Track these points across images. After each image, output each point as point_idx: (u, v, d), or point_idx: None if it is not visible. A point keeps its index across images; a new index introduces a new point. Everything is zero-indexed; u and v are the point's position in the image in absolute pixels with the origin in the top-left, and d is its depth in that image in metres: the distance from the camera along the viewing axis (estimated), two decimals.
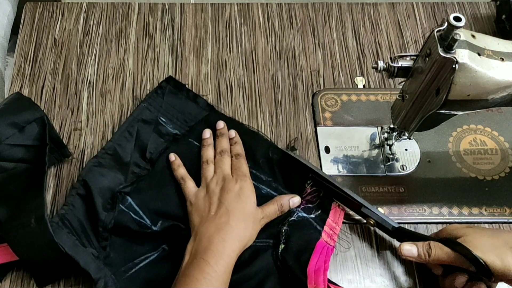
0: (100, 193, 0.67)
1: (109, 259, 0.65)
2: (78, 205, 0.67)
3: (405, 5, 0.91)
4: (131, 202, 0.69)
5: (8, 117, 0.67)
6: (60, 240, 0.63)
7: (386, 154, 0.76)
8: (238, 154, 0.72)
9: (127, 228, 0.67)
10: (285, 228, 0.67)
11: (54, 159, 0.72)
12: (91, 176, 0.68)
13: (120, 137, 0.73)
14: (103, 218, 0.66)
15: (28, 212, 0.63)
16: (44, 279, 0.65)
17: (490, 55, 0.58)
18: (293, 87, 0.82)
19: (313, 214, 0.69)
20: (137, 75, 0.82)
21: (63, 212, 0.66)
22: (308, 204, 0.70)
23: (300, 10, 0.90)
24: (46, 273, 0.65)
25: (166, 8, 0.89)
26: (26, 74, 0.81)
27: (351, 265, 0.68)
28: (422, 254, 0.62)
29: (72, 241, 0.64)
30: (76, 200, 0.67)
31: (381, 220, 0.66)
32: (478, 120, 0.79)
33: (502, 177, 0.75)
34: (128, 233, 0.67)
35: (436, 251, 0.61)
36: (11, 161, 0.67)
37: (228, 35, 0.87)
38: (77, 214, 0.66)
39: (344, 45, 0.87)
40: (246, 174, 0.70)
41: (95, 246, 0.65)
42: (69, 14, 0.87)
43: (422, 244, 0.62)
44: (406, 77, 0.64)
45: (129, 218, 0.67)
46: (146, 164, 0.72)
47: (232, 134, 0.74)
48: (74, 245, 0.64)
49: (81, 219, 0.66)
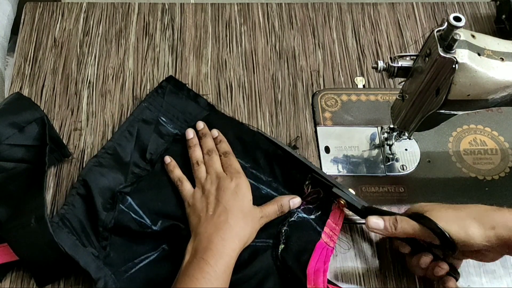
0: (100, 193, 0.67)
1: (109, 259, 0.65)
2: (78, 205, 0.67)
3: (405, 5, 0.91)
4: (131, 202, 0.69)
5: (8, 117, 0.67)
6: (60, 239, 0.63)
7: (386, 154, 0.76)
8: (226, 152, 0.72)
9: (127, 228, 0.67)
10: (285, 228, 0.67)
11: (54, 159, 0.72)
12: (91, 175, 0.68)
13: (120, 136, 0.73)
14: (103, 218, 0.66)
15: (28, 212, 0.63)
16: (44, 279, 0.65)
17: (490, 55, 0.58)
18: (293, 87, 0.82)
19: (313, 215, 0.69)
20: (137, 75, 0.82)
21: (63, 212, 0.66)
22: (308, 205, 0.70)
23: (300, 10, 0.90)
24: (46, 273, 0.65)
25: (166, 8, 0.89)
26: (26, 74, 0.81)
27: (351, 265, 0.68)
28: (388, 227, 0.62)
29: (72, 241, 0.64)
30: (76, 200, 0.67)
31: (350, 200, 0.67)
32: (478, 120, 0.79)
33: (502, 177, 0.75)
34: (128, 233, 0.67)
35: (402, 224, 0.61)
36: (11, 161, 0.67)
37: (228, 35, 0.87)
38: (77, 214, 0.66)
39: (344, 45, 0.87)
40: (239, 171, 0.70)
41: (95, 245, 0.65)
42: (69, 14, 0.87)
43: (388, 218, 0.63)
44: (406, 77, 0.64)
45: (129, 218, 0.67)
46: (146, 165, 0.72)
47: (215, 134, 0.74)
48: (74, 245, 0.64)
49: (81, 218, 0.66)
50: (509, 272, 0.68)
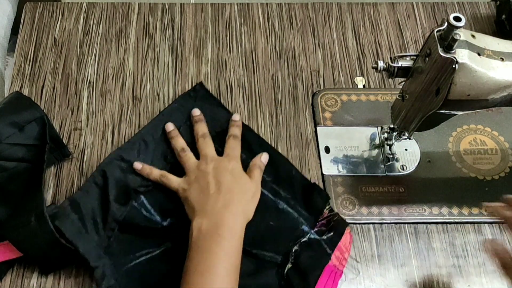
0: (116, 186, 0.68)
1: (111, 249, 0.66)
2: (92, 193, 0.68)
3: (405, 5, 0.91)
4: (143, 201, 0.69)
5: (8, 116, 0.67)
6: (64, 227, 0.64)
7: (386, 154, 0.76)
8: (236, 136, 0.72)
9: (136, 224, 0.67)
10: (295, 248, 0.67)
11: (54, 159, 0.72)
12: (111, 168, 0.69)
13: (147, 133, 0.73)
14: (114, 210, 0.67)
15: (27, 210, 0.64)
16: (48, 269, 0.66)
17: (490, 55, 0.58)
18: (293, 87, 0.82)
19: (325, 236, 0.68)
20: (137, 75, 0.82)
21: (76, 196, 0.67)
22: (322, 227, 0.69)
23: (300, 10, 0.90)
24: (50, 266, 0.66)
25: (166, 8, 0.89)
26: (26, 74, 0.81)
27: (351, 265, 0.68)
28: None
29: (76, 228, 0.65)
30: (92, 188, 0.68)
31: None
32: (478, 120, 0.79)
33: (502, 177, 0.75)
34: (135, 229, 0.67)
35: None
36: (11, 160, 0.67)
37: (228, 35, 0.87)
38: (90, 201, 0.67)
39: (344, 45, 0.87)
40: (238, 157, 0.70)
41: (101, 234, 0.66)
42: (69, 14, 0.87)
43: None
44: (406, 77, 0.64)
45: (139, 214, 0.68)
46: (166, 165, 0.72)
47: (236, 118, 0.75)
48: (77, 232, 0.64)
49: (93, 206, 0.67)
50: None
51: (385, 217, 0.71)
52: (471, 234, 0.71)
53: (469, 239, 0.70)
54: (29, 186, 0.67)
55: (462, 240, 0.70)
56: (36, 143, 0.68)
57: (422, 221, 0.71)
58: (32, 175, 0.67)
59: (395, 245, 0.70)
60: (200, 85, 0.79)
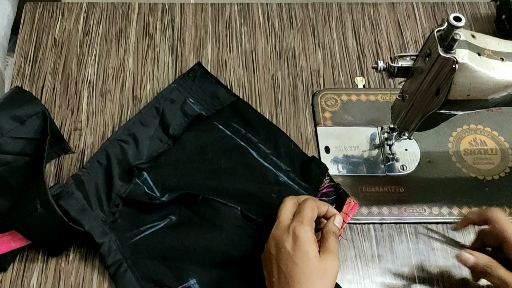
0: (119, 165, 0.69)
1: (117, 224, 0.67)
2: (96, 171, 0.69)
3: (405, 5, 0.91)
4: (146, 177, 0.70)
5: (10, 110, 0.67)
6: (68, 205, 0.64)
7: (386, 154, 0.76)
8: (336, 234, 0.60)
9: (139, 201, 0.68)
10: None
11: (54, 153, 0.73)
12: (113, 148, 0.71)
13: (146, 113, 0.74)
14: (118, 187, 0.68)
15: (32, 198, 0.64)
16: (57, 251, 0.67)
17: (490, 55, 0.58)
18: (293, 87, 0.82)
19: None
20: (137, 75, 0.82)
21: (80, 174, 0.68)
22: (323, 197, 0.71)
23: (300, 10, 0.90)
24: (58, 248, 0.67)
25: (166, 8, 0.89)
26: (26, 74, 0.81)
27: (351, 265, 0.68)
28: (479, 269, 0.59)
29: (80, 206, 0.66)
30: (95, 166, 0.69)
31: None
32: (478, 120, 0.79)
33: (502, 177, 0.75)
34: (138, 205, 0.68)
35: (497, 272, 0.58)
36: (12, 154, 0.67)
37: (228, 35, 0.87)
38: (94, 178, 0.68)
39: (344, 45, 0.87)
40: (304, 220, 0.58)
41: (105, 210, 0.67)
42: (69, 14, 0.87)
43: (482, 258, 0.59)
44: (406, 77, 0.64)
45: (142, 191, 0.69)
46: (168, 140, 0.73)
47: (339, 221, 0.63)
48: (82, 210, 0.65)
49: (97, 183, 0.68)
50: None
51: (385, 217, 0.71)
52: (471, 234, 0.71)
53: (469, 239, 0.70)
54: (31, 178, 0.67)
55: (462, 240, 0.70)
56: (37, 137, 0.68)
57: (422, 221, 0.71)
58: (33, 168, 0.68)
59: (395, 245, 0.70)
60: (199, 65, 0.80)
